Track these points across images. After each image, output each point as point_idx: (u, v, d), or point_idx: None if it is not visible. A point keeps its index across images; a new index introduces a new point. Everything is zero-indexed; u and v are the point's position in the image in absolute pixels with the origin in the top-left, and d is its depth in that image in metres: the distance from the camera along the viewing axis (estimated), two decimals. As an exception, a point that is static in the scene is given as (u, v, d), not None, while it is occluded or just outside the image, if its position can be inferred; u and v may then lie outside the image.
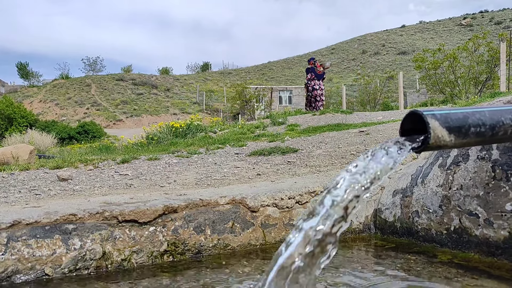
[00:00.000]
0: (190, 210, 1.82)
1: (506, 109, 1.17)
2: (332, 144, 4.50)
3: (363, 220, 2.07)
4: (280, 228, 1.95)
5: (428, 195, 1.81)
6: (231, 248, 1.83)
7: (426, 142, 1.02)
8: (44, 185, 2.91)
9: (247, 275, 1.56)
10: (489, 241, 1.54)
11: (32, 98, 64.58)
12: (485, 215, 1.56)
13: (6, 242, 1.52)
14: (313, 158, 3.60)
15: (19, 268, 1.51)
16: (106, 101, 60.03)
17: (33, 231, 1.58)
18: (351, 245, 1.91)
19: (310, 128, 7.04)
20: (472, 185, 1.62)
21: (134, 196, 2.12)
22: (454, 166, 1.73)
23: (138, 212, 1.73)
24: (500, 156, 1.55)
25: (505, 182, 1.51)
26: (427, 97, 25.55)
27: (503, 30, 40.35)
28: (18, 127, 27.56)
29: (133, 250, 1.68)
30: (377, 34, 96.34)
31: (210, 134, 8.49)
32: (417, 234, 1.83)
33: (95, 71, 75.51)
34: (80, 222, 1.66)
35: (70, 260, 1.59)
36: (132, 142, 9.44)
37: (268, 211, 1.95)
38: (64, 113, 56.78)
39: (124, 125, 48.70)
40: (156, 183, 2.86)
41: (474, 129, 1.08)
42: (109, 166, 3.78)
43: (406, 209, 1.90)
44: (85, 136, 28.74)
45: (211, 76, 74.55)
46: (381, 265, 1.64)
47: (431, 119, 1.02)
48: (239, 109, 35.22)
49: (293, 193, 2.03)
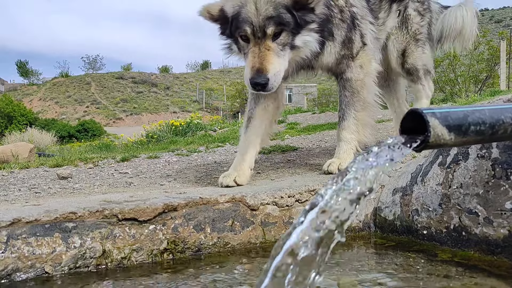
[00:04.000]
0: (190, 209, 1.82)
1: (506, 107, 1.17)
2: (332, 143, 4.50)
3: (363, 218, 2.07)
4: (280, 226, 1.95)
5: (428, 193, 1.81)
6: (231, 246, 1.83)
7: (426, 140, 1.02)
8: (44, 183, 2.91)
9: (247, 274, 1.56)
10: (488, 240, 1.54)
11: (32, 96, 64.59)
12: (485, 214, 1.56)
13: (6, 240, 1.52)
14: (313, 157, 3.60)
15: (19, 266, 1.51)
16: (106, 99, 60.01)
17: (33, 229, 1.58)
18: (351, 244, 1.91)
19: (310, 127, 7.04)
20: (472, 184, 1.63)
21: (134, 194, 2.12)
22: (454, 164, 1.73)
23: (138, 210, 1.73)
24: (500, 154, 1.55)
25: (505, 181, 1.51)
26: (427, 96, 25.46)
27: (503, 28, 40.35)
28: (18, 125, 27.58)
29: (133, 248, 1.68)
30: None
31: (210, 132, 8.49)
32: (417, 232, 1.84)
33: (95, 69, 75.43)
34: (80, 220, 1.66)
35: (70, 258, 1.59)
36: (132, 141, 9.45)
37: (268, 209, 1.95)
38: (64, 111, 56.78)
39: (124, 124, 48.69)
40: (156, 181, 2.86)
41: (474, 127, 1.08)
42: (109, 164, 3.78)
43: (406, 208, 1.91)
44: (85, 134, 28.75)
45: (211, 75, 74.51)
46: (381, 263, 1.64)
47: (431, 118, 1.01)
48: (239, 107, 35.24)
49: (293, 192, 2.03)
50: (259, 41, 2.05)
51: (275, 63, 2.06)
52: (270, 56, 2.04)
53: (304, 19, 2.13)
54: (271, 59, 2.04)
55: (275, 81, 2.06)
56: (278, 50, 2.08)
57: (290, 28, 2.09)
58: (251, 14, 2.04)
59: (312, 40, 2.21)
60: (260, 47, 2.05)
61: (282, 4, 2.06)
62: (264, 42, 2.05)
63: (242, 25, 2.07)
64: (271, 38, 2.06)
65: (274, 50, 2.06)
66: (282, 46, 2.09)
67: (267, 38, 2.05)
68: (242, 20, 2.06)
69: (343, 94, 2.58)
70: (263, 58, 2.03)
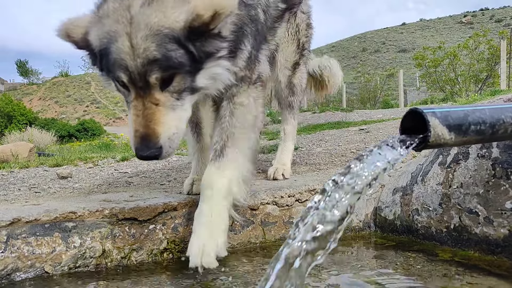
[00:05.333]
0: (190, 208, 1.82)
1: (506, 107, 1.17)
2: (332, 142, 4.50)
3: (363, 218, 2.07)
4: (280, 226, 1.95)
5: (428, 193, 1.81)
6: (231, 246, 1.83)
7: (426, 140, 1.02)
8: (43, 183, 2.91)
9: (247, 273, 1.56)
10: (489, 239, 1.54)
11: (31, 95, 64.58)
12: (485, 213, 1.56)
13: (6, 240, 1.52)
14: (313, 156, 3.60)
15: (18, 266, 1.51)
16: (106, 98, 59.99)
17: (32, 229, 1.58)
18: (351, 243, 1.91)
19: (310, 126, 7.04)
20: (472, 183, 1.62)
21: (134, 194, 2.12)
22: (454, 164, 1.73)
23: (138, 210, 1.73)
24: (500, 154, 1.55)
25: (505, 180, 1.51)
26: (427, 95, 25.54)
27: (504, 28, 40.36)
28: (17, 125, 27.57)
29: (132, 248, 1.68)
30: (377, 31, 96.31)
31: (210, 132, 8.46)
32: (417, 232, 1.84)
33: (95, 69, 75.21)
34: (80, 220, 1.65)
35: (70, 258, 1.59)
36: (132, 140, 9.40)
37: (268, 209, 1.95)
38: (63, 110, 56.80)
39: (123, 123, 48.66)
40: (156, 180, 2.86)
41: (474, 127, 1.07)
42: (109, 164, 3.78)
43: (406, 207, 1.90)
44: (85, 134, 28.72)
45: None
46: (381, 263, 1.64)
47: (431, 117, 1.01)
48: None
49: (293, 191, 2.03)
50: (142, 92, 1.41)
51: (169, 122, 1.44)
52: (159, 113, 1.42)
53: (205, 51, 1.46)
54: (162, 117, 1.42)
55: (170, 146, 1.45)
56: (172, 101, 1.45)
57: (186, 68, 1.43)
58: (124, 55, 1.37)
59: (222, 72, 1.55)
60: (144, 101, 1.42)
61: (169, 36, 1.38)
62: (150, 93, 1.41)
63: (114, 69, 1.42)
64: (158, 88, 1.42)
65: (165, 103, 1.43)
66: (178, 94, 1.45)
67: (153, 88, 1.41)
68: (114, 63, 1.40)
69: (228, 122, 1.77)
70: (150, 118, 1.41)
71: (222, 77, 1.56)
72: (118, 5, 1.40)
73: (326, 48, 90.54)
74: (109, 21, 1.40)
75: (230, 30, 1.53)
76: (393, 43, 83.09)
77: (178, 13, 1.37)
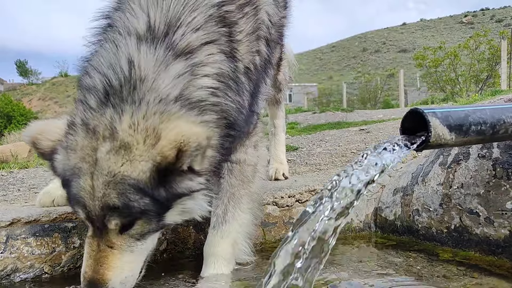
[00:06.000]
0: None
1: (507, 107, 1.17)
2: (332, 143, 4.49)
3: (364, 218, 2.07)
4: (280, 226, 1.94)
5: (428, 193, 1.81)
6: (231, 246, 1.82)
7: (426, 140, 1.01)
8: (43, 183, 2.90)
9: (247, 273, 1.56)
10: (489, 240, 1.54)
11: (31, 96, 64.58)
12: (486, 214, 1.55)
13: (5, 240, 1.51)
14: (313, 157, 3.60)
15: (18, 266, 1.51)
16: (106, 99, 59.91)
17: (32, 229, 1.57)
18: (352, 243, 1.91)
19: (310, 126, 7.04)
20: (472, 184, 1.62)
21: (134, 194, 2.11)
22: (454, 164, 1.73)
23: (138, 211, 1.72)
24: (501, 154, 1.54)
25: (506, 181, 1.51)
26: (427, 95, 25.55)
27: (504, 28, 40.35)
28: (17, 125, 27.56)
29: (132, 249, 1.67)
30: (377, 31, 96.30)
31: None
32: (417, 232, 1.83)
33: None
34: (80, 220, 1.65)
35: (70, 258, 1.59)
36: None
37: (268, 209, 1.95)
38: (63, 111, 56.76)
39: (124, 123, 48.64)
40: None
41: (475, 127, 1.07)
42: (109, 164, 3.77)
43: (407, 208, 1.90)
44: (85, 134, 28.73)
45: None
46: (381, 263, 1.63)
47: (432, 118, 1.01)
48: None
49: (293, 192, 2.02)
50: (99, 232, 1.31)
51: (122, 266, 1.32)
52: (112, 257, 1.31)
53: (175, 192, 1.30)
54: (114, 261, 1.31)
55: None
56: (131, 242, 1.33)
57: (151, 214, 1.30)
58: (84, 193, 1.28)
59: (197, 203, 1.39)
60: (100, 243, 1.31)
61: (134, 187, 1.25)
62: (106, 236, 1.30)
63: (73, 203, 1.33)
64: (117, 232, 1.30)
65: (121, 247, 1.32)
66: (140, 235, 1.33)
67: (111, 232, 1.30)
68: (73, 197, 1.31)
69: (227, 182, 1.66)
70: (102, 262, 1.30)
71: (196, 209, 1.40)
72: (87, 143, 1.29)
73: (326, 48, 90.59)
74: (75, 156, 1.29)
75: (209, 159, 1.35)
76: (394, 43, 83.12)
77: (145, 162, 1.24)
